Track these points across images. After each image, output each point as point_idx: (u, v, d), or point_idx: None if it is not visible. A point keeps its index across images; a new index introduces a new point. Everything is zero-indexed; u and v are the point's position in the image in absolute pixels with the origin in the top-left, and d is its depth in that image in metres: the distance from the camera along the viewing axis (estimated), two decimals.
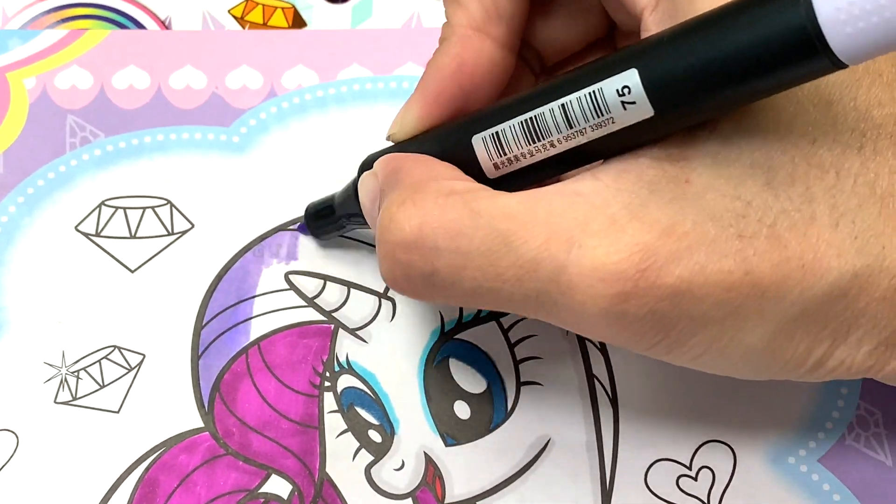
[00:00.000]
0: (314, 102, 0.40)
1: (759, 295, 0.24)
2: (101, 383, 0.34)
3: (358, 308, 0.35)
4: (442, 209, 0.25)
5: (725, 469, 0.33)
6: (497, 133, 0.26)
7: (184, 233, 0.37)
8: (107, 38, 0.41)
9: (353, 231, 0.36)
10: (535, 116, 0.25)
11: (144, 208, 0.37)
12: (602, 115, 0.24)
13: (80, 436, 0.33)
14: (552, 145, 0.25)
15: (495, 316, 0.35)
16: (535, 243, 0.24)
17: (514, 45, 0.30)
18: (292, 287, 0.36)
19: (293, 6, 0.42)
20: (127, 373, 0.34)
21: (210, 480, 0.33)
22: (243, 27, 0.42)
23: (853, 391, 0.34)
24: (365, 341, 0.35)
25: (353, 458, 0.33)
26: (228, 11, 0.42)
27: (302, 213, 0.37)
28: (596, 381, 0.34)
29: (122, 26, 0.41)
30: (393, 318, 0.35)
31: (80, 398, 0.34)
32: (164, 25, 0.42)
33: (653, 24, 0.25)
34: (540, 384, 0.34)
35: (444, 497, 0.33)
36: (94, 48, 0.41)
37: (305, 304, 0.36)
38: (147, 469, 0.33)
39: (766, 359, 0.25)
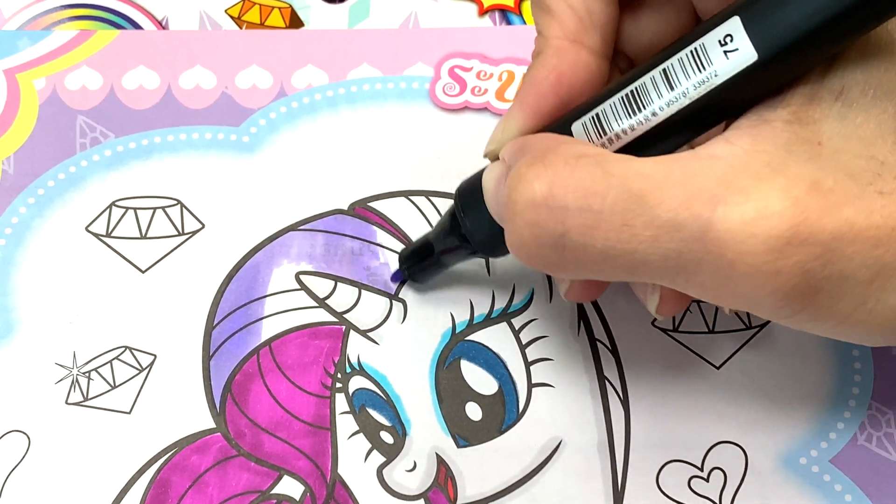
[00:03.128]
0: (324, 102, 0.40)
1: None
2: (113, 384, 0.34)
3: (369, 309, 0.35)
4: (572, 169, 0.24)
5: (737, 470, 0.33)
6: (597, 114, 0.26)
7: (194, 233, 0.37)
8: (116, 39, 0.41)
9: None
10: (636, 88, 0.25)
11: (155, 208, 0.37)
12: (704, 68, 0.24)
13: (92, 436, 0.33)
14: (654, 114, 0.25)
15: (506, 317, 0.35)
16: (674, 203, 0.23)
17: (608, 52, 0.30)
18: (303, 287, 0.36)
19: (290, 6, 0.42)
20: (138, 373, 0.34)
21: (222, 481, 0.33)
22: (240, 27, 0.42)
23: (865, 391, 0.34)
24: (376, 343, 0.35)
25: (365, 460, 0.33)
26: (225, 11, 0.42)
27: (311, 212, 0.37)
28: (607, 382, 0.34)
29: (118, 27, 0.41)
30: (404, 319, 0.35)
31: (91, 399, 0.34)
32: (161, 25, 0.42)
33: None
34: (551, 385, 0.34)
35: (455, 498, 0.33)
36: (104, 49, 0.40)
37: (316, 304, 0.35)
38: (159, 470, 0.33)
39: None
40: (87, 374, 0.34)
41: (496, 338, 0.35)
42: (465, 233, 0.31)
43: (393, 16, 0.42)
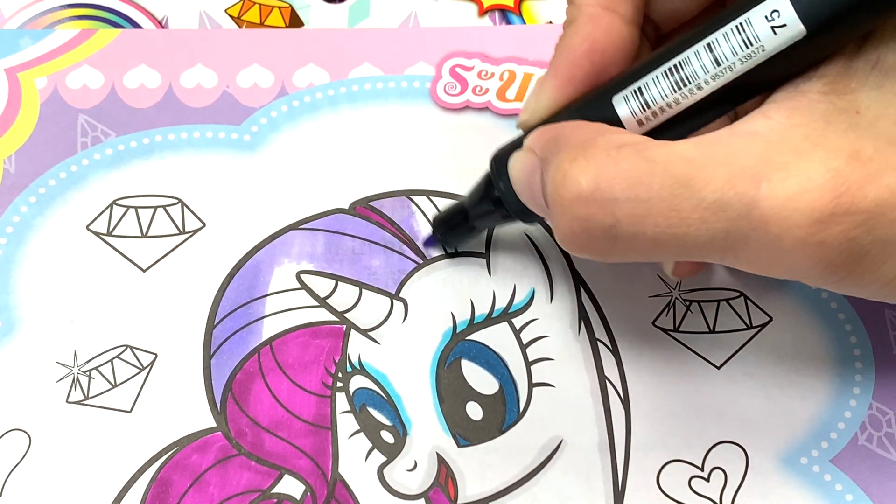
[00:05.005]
0: (325, 101, 0.40)
1: None
2: (114, 383, 0.34)
3: (370, 309, 0.35)
4: (615, 161, 0.25)
5: (738, 470, 0.33)
6: (640, 88, 0.27)
7: (195, 232, 0.37)
8: (118, 38, 0.41)
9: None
10: (680, 62, 0.26)
11: (156, 207, 0.37)
12: (751, 45, 0.24)
13: (93, 435, 0.33)
14: (699, 88, 0.26)
15: (507, 317, 0.35)
16: (718, 184, 0.24)
17: (639, 19, 0.30)
18: (304, 287, 0.36)
19: (290, 6, 0.42)
20: (139, 372, 0.34)
21: (223, 480, 0.33)
22: (240, 27, 0.42)
23: (865, 391, 0.34)
24: (377, 342, 0.35)
25: (366, 459, 0.33)
26: (225, 11, 0.42)
27: (312, 211, 0.37)
28: (608, 382, 0.34)
29: (118, 26, 0.41)
30: (405, 319, 0.35)
31: (92, 398, 0.34)
32: (161, 25, 0.42)
33: None
34: (552, 385, 0.34)
35: (456, 498, 0.33)
36: (105, 48, 0.40)
37: (317, 304, 0.35)
38: (160, 469, 0.33)
39: None
40: (87, 373, 0.34)
41: (497, 337, 0.35)
42: (501, 197, 0.31)
43: (393, 15, 0.42)
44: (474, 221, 0.34)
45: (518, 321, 0.35)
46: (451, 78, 0.40)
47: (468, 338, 0.35)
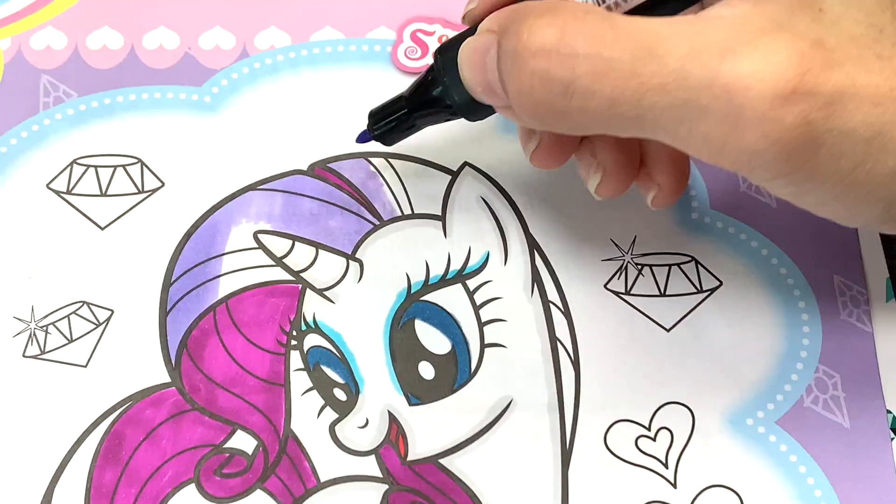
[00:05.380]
0: (286, 63, 0.40)
1: None
2: (70, 338, 0.34)
3: (326, 269, 0.36)
4: (582, 20, 0.25)
5: (684, 430, 0.33)
6: None
7: (154, 191, 0.37)
8: (81, 0, 0.41)
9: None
10: None
11: (115, 167, 0.37)
12: None
13: (48, 389, 0.34)
14: None
15: (462, 278, 0.36)
16: (681, 53, 0.24)
17: None
18: (261, 246, 0.36)
19: None
20: (95, 328, 0.35)
21: (176, 435, 0.33)
22: None
23: (812, 355, 0.34)
24: (332, 301, 0.35)
25: (318, 416, 0.34)
26: None
27: (271, 172, 0.37)
28: (559, 343, 0.35)
29: None
30: (360, 279, 0.36)
31: (48, 352, 0.34)
32: None
33: None
34: (504, 346, 0.35)
35: (406, 455, 0.33)
36: (69, 9, 0.41)
37: (274, 263, 0.36)
38: (113, 422, 0.33)
39: None
40: (44, 328, 0.35)
41: (451, 299, 0.35)
42: (444, 92, 0.31)
43: None
44: (413, 117, 0.33)
45: (472, 283, 0.36)
46: (412, 42, 0.40)
47: (422, 298, 0.35)
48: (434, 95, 0.32)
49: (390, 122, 0.34)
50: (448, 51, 0.30)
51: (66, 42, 0.40)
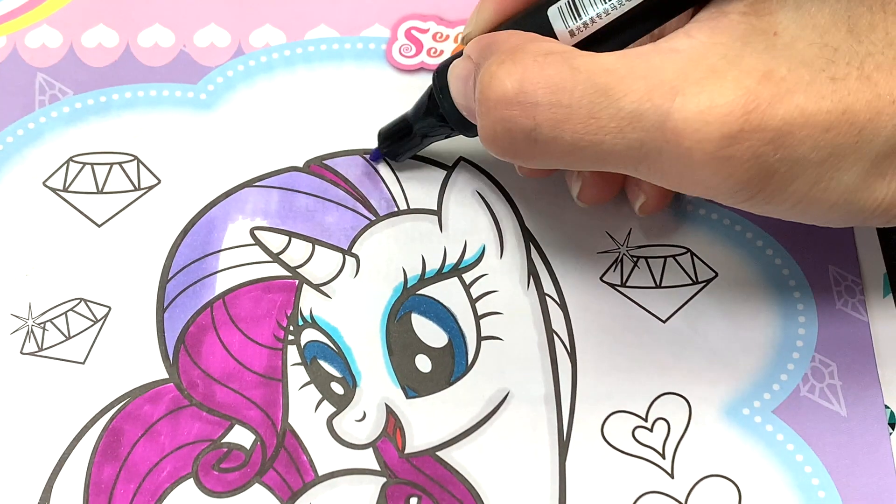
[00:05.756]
0: (281, 61, 0.40)
1: (855, 133, 0.25)
2: (67, 335, 0.35)
3: (322, 264, 0.36)
4: (541, 66, 0.26)
5: (680, 420, 0.33)
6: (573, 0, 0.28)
7: (150, 188, 0.37)
8: None
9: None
10: None
11: (112, 164, 0.38)
12: None
13: (46, 386, 0.34)
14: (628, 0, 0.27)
15: (458, 272, 0.36)
16: (636, 95, 0.25)
17: None
18: (257, 242, 0.36)
19: None
20: (93, 325, 0.35)
21: (174, 430, 0.33)
22: None
23: (808, 343, 0.35)
24: (329, 296, 0.35)
25: (316, 410, 0.34)
26: None
27: (267, 169, 0.37)
28: (555, 335, 0.35)
29: None
30: (357, 274, 0.36)
31: (46, 349, 0.34)
32: None
33: None
34: (500, 339, 0.35)
35: (404, 447, 0.33)
36: (64, 8, 0.41)
37: (270, 259, 0.36)
38: (112, 419, 0.33)
39: (859, 201, 0.26)
40: (42, 325, 0.35)
41: (447, 292, 0.35)
42: (443, 112, 0.33)
43: None
44: (419, 137, 0.36)
45: (468, 276, 0.36)
46: (407, 40, 0.40)
47: (419, 292, 0.35)
48: (433, 115, 0.34)
49: (397, 140, 0.36)
50: (443, 71, 0.32)
51: (62, 40, 0.40)
